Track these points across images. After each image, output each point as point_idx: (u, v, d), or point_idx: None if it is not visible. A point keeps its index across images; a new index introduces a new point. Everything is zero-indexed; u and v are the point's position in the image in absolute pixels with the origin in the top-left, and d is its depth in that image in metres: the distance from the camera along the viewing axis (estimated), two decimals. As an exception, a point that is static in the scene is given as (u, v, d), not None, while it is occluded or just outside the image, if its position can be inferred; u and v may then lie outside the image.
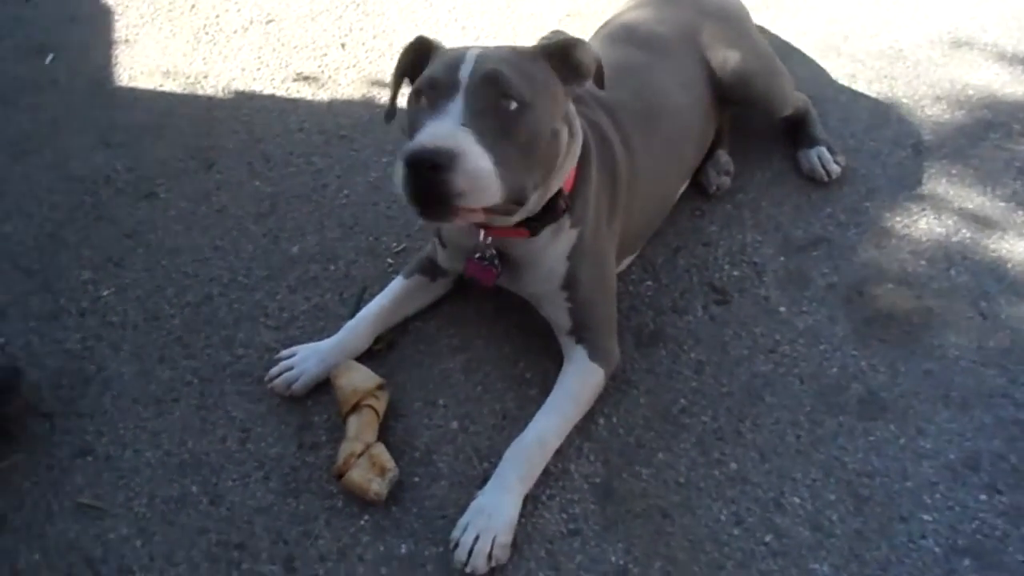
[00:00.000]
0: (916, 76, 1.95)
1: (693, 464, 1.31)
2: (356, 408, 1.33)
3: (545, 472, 1.29)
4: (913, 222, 1.64)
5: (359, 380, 1.36)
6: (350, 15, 2.31)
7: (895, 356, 1.43)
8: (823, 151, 1.72)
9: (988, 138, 1.79)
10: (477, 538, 1.18)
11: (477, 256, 1.34)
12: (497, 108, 1.09)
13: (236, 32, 2.28)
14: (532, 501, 1.26)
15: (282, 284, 1.63)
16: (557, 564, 1.21)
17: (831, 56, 2.03)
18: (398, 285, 1.50)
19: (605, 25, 1.69)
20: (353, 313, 1.50)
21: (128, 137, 1.98)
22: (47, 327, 1.58)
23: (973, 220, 1.63)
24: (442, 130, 1.06)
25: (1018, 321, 1.46)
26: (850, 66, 1.99)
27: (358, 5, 2.34)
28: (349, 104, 2.03)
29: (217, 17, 2.33)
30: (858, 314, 1.50)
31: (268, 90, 2.09)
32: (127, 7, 2.41)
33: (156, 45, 2.25)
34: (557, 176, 1.24)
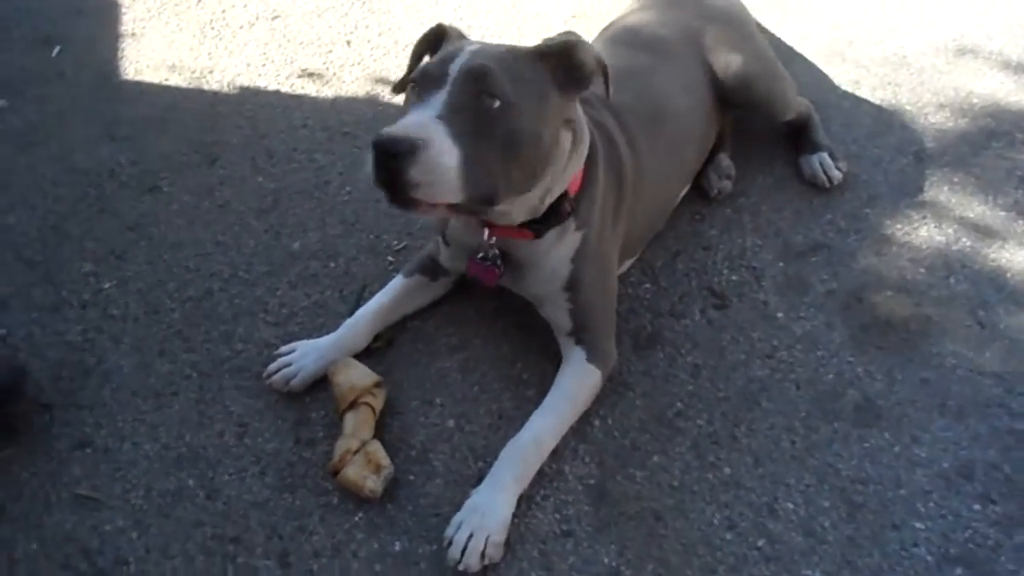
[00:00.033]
0: (920, 83, 1.95)
1: (687, 467, 1.32)
2: (353, 405, 1.34)
3: (539, 472, 1.29)
4: (913, 230, 1.64)
5: (356, 377, 1.36)
6: (356, 12, 2.31)
7: (892, 363, 1.43)
8: (825, 157, 1.72)
9: (990, 147, 1.79)
10: (471, 536, 1.19)
11: (480, 256, 1.34)
12: (478, 105, 1.08)
13: (242, 27, 2.28)
14: (526, 501, 1.27)
15: (282, 280, 1.63)
16: (550, 564, 1.21)
17: (835, 61, 2.02)
18: (398, 284, 1.51)
19: (607, 28, 1.69)
20: (352, 311, 1.51)
21: (133, 130, 1.99)
22: (49, 318, 1.59)
23: (973, 229, 1.63)
24: (414, 120, 1.06)
25: (1016, 331, 1.46)
26: (854, 72, 1.99)
27: (364, 3, 2.34)
28: (353, 101, 2.03)
29: (223, 12, 2.34)
30: (856, 321, 1.50)
31: (273, 86, 2.09)
32: (134, 0, 2.42)
33: (162, 39, 2.26)
34: (560, 179, 1.24)
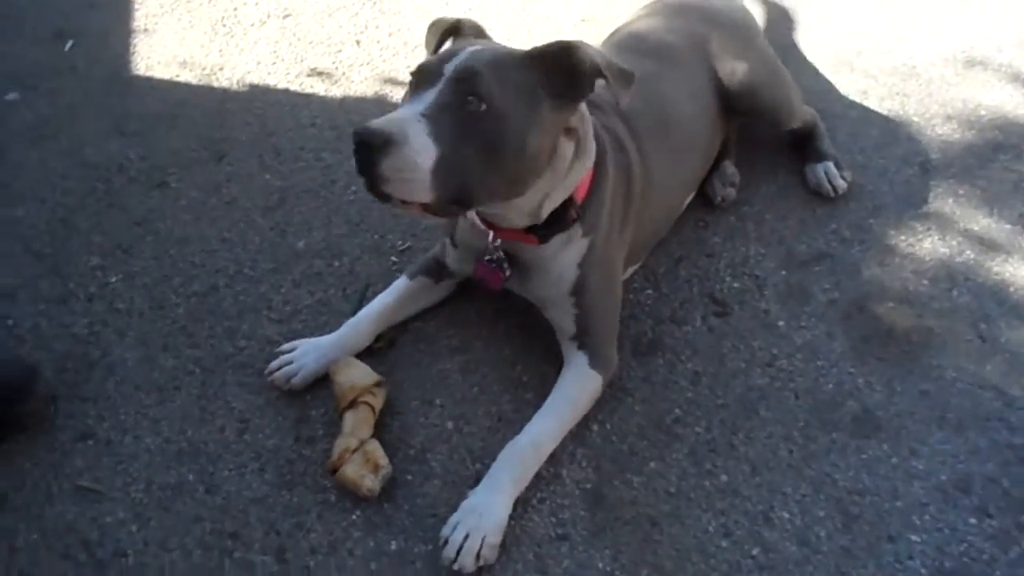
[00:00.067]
0: (928, 94, 1.95)
1: (684, 474, 1.32)
2: (353, 404, 1.34)
3: (536, 475, 1.30)
4: (917, 241, 1.64)
5: (357, 376, 1.37)
6: (366, 12, 2.32)
7: (892, 375, 1.43)
8: (830, 166, 1.71)
9: (997, 159, 1.78)
10: (467, 537, 1.19)
11: (486, 259, 1.35)
12: (464, 106, 1.08)
13: (253, 25, 2.30)
14: (522, 504, 1.27)
15: (287, 278, 1.64)
16: (544, 568, 1.22)
17: (843, 71, 2.02)
18: (401, 285, 1.51)
19: (614, 34, 1.70)
20: (355, 310, 1.52)
21: (143, 126, 2.01)
22: (55, 311, 1.60)
23: (978, 241, 1.63)
24: (398, 115, 1.07)
25: (1017, 345, 1.46)
26: (862, 82, 1.99)
27: (375, 3, 2.35)
28: (361, 101, 2.04)
29: (235, 10, 2.36)
30: (857, 331, 1.50)
31: (282, 84, 2.10)
32: (147, -4, 2.44)
33: (174, 35, 2.28)
34: (561, 187, 1.24)
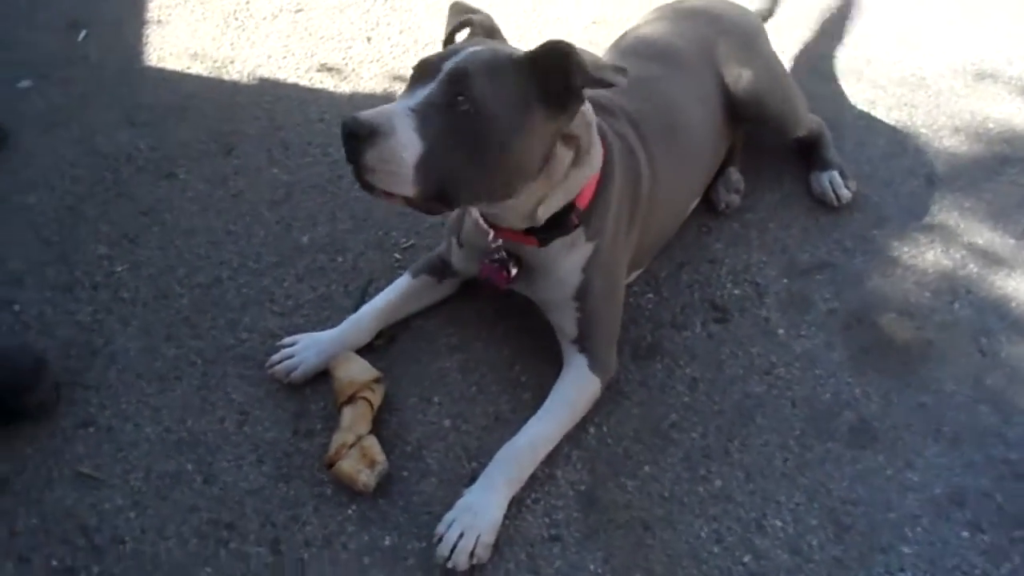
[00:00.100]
0: (936, 106, 1.94)
1: (678, 479, 1.33)
2: (351, 400, 1.36)
3: (531, 476, 1.30)
4: (920, 253, 1.64)
5: (356, 372, 1.38)
6: (378, 9, 2.33)
7: (890, 386, 1.43)
8: (835, 175, 1.71)
9: (1004, 173, 1.78)
10: (461, 535, 1.20)
11: (490, 258, 1.36)
12: (453, 105, 1.09)
13: (265, 19, 2.31)
14: (516, 504, 1.28)
15: (290, 272, 1.66)
16: (536, 568, 1.23)
17: (852, 80, 2.02)
18: (404, 283, 1.52)
19: (621, 38, 1.70)
20: (357, 306, 1.53)
21: (153, 117, 2.02)
22: (61, 298, 1.62)
23: (981, 255, 1.63)
24: (388, 108, 1.08)
25: (1017, 360, 1.46)
26: (871, 91, 1.99)
27: (386, 0, 2.36)
28: (370, 97, 2.05)
29: (248, 3, 2.37)
30: (856, 341, 1.50)
31: (292, 79, 2.11)
32: (161, -13, 2.46)
33: (187, 27, 2.29)
34: (558, 192, 1.24)
